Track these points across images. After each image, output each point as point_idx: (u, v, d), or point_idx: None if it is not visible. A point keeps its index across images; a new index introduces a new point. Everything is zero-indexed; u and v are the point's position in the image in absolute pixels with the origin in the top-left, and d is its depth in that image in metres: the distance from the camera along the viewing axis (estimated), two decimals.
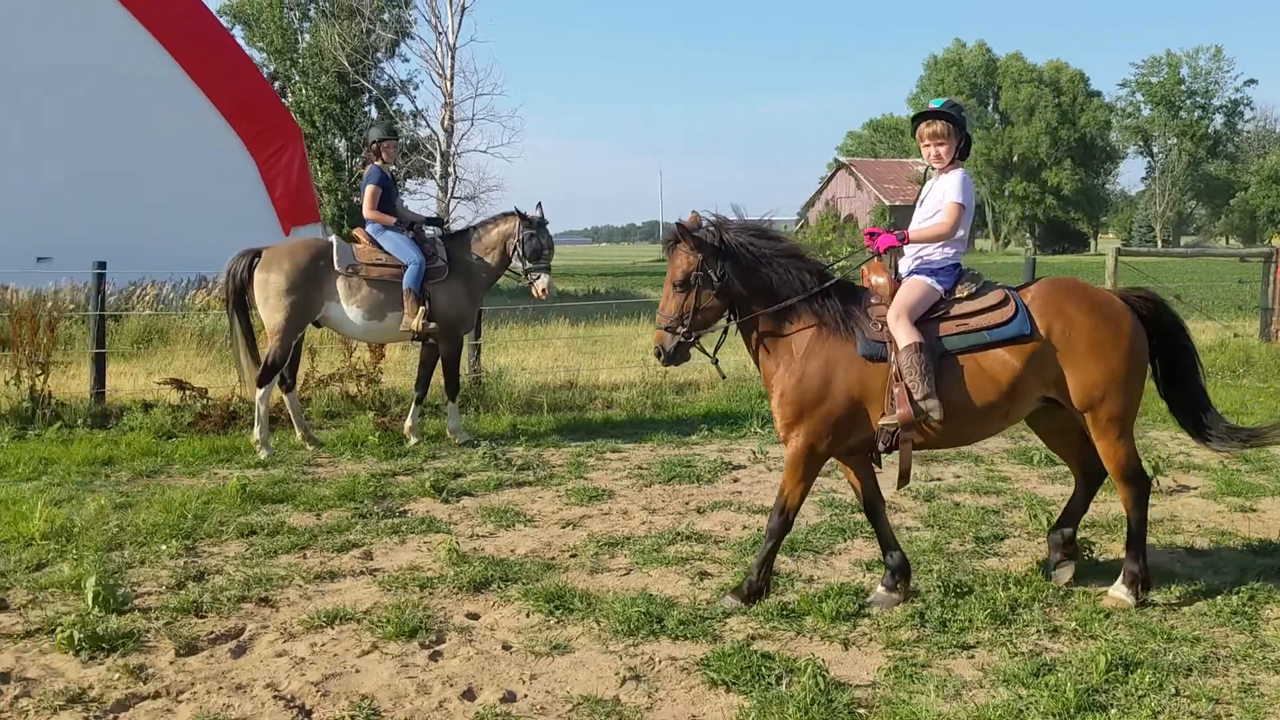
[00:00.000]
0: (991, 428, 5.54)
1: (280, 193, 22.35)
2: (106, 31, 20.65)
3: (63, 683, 4.56)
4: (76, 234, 19.50)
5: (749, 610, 5.37)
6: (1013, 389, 5.26)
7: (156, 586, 5.83)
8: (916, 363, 5.11)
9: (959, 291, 5.39)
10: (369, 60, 48.44)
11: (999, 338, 5.23)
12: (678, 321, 5.37)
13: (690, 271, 5.31)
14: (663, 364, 5.52)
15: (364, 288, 9.49)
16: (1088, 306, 5.35)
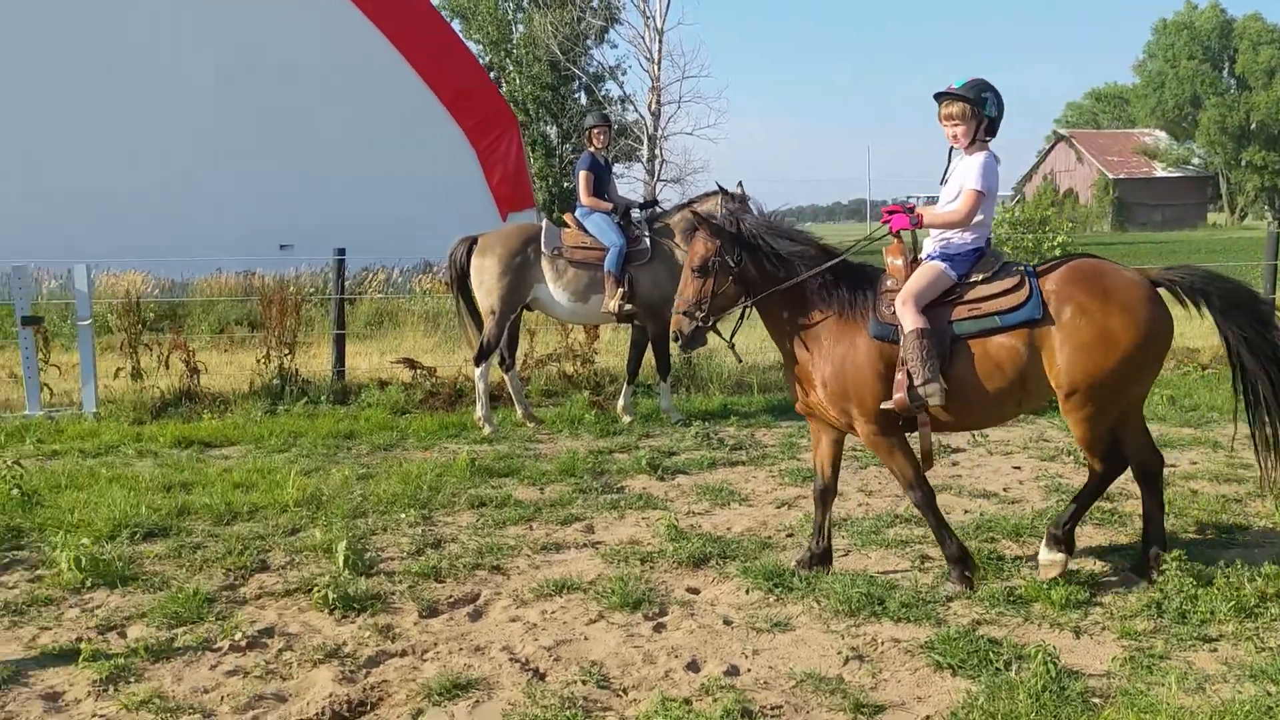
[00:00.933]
0: (1005, 412, 5.50)
1: (498, 179, 23.18)
2: (339, 30, 21.89)
3: (320, 638, 4.93)
4: (312, 222, 20.84)
5: (971, 594, 5.29)
6: (1022, 375, 5.21)
7: (398, 552, 6.21)
8: (919, 348, 5.12)
9: (975, 275, 5.36)
10: (579, 47, 49.40)
11: (1010, 322, 5.19)
12: (696, 306, 5.50)
13: (708, 257, 5.46)
14: (680, 348, 5.68)
15: (569, 270, 9.76)
16: (1102, 291, 5.19)
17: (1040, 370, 5.21)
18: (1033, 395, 5.36)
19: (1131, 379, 5.22)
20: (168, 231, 19.69)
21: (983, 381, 5.23)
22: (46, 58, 20.13)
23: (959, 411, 5.29)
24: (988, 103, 5.40)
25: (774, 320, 5.61)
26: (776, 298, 5.50)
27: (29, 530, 6.59)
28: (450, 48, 23.48)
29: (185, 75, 20.99)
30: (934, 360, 5.14)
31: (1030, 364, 5.19)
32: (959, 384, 5.22)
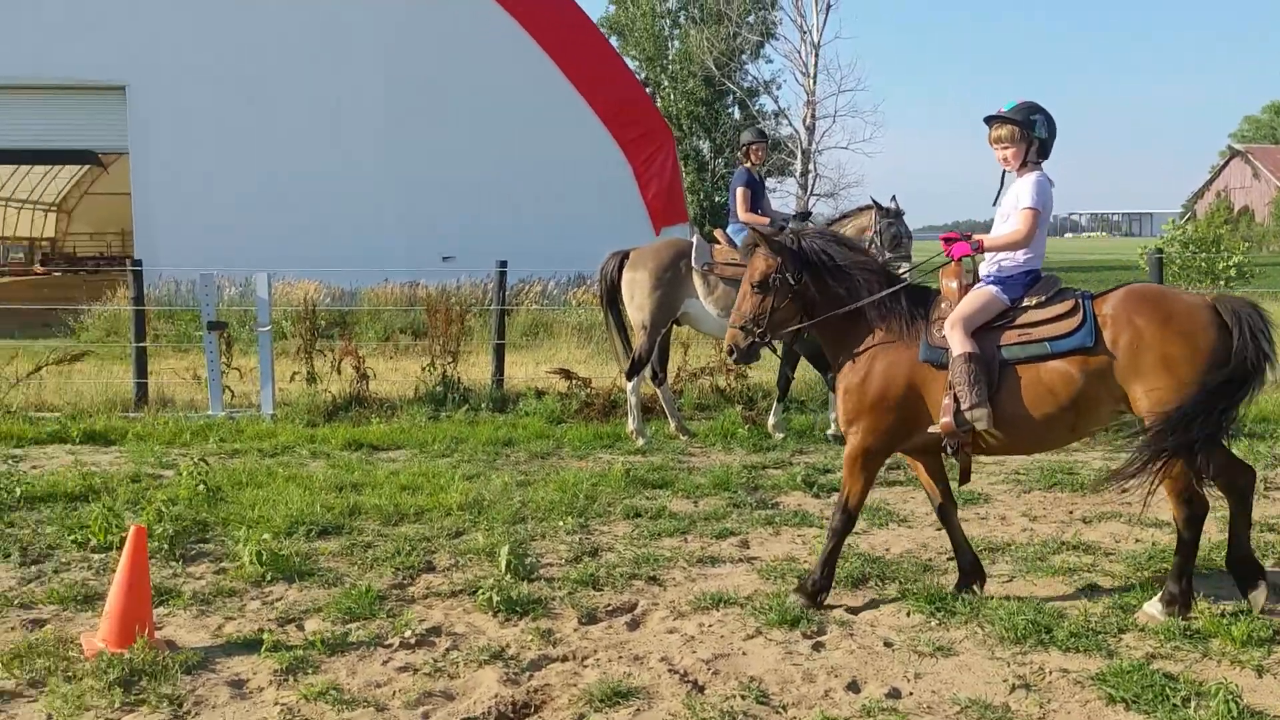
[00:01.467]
0: (1056, 439, 5.43)
1: (653, 194, 23.42)
2: (503, 47, 22.50)
3: (484, 640, 5.07)
4: (472, 234, 21.47)
5: (817, 608, 5.38)
6: (1075, 401, 5.10)
7: (557, 559, 6.33)
8: (966, 372, 5.08)
9: (1029, 300, 5.29)
10: (734, 62, 49.48)
11: (1061, 349, 5.10)
12: (753, 322, 5.49)
13: (768, 274, 5.43)
14: (734, 362, 5.68)
15: (719, 286, 9.75)
16: (1161, 318, 5.05)
17: (1092, 397, 5.10)
18: (1087, 422, 5.27)
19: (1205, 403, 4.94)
20: (339, 242, 20.56)
21: (1032, 407, 5.14)
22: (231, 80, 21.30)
23: (1007, 437, 5.23)
24: (1037, 125, 5.39)
25: (831, 340, 5.61)
26: (834, 319, 5.49)
27: (213, 524, 6.97)
28: (609, 64, 23.87)
29: (360, 94, 21.91)
30: (981, 385, 5.09)
31: (1083, 391, 5.08)
32: (1008, 409, 5.15)
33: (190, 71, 21.13)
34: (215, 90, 21.13)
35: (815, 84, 44.03)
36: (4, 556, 6.27)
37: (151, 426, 10.01)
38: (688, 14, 53.10)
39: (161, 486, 7.86)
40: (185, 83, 21.20)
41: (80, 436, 9.73)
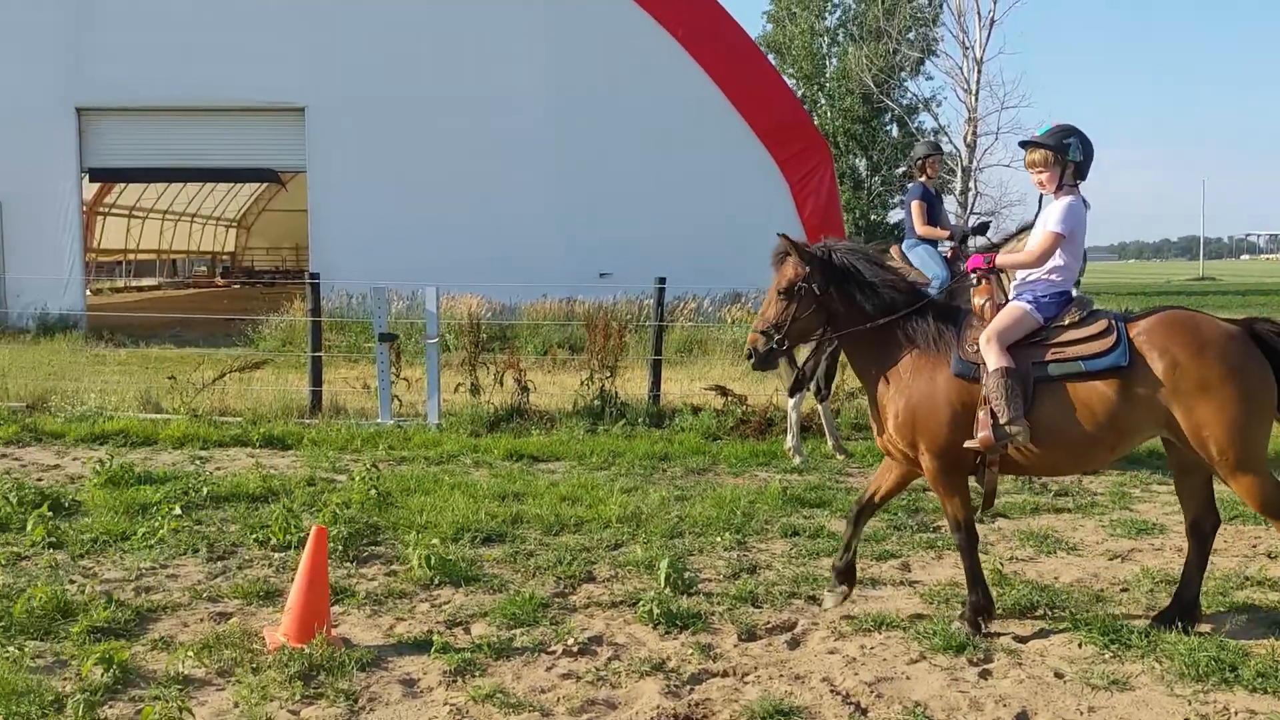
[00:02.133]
0: (1093, 458, 5.39)
1: (809, 211, 23.26)
2: (663, 66, 22.74)
3: (645, 651, 5.12)
4: (629, 251, 21.72)
5: (985, 632, 5.28)
6: (1111, 421, 5.10)
7: (715, 575, 6.34)
8: (1003, 387, 5.07)
9: (1064, 319, 5.31)
10: (893, 79, 48.81)
11: (1095, 368, 5.10)
12: (775, 328, 5.53)
13: (796, 282, 5.46)
14: (752, 366, 5.75)
15: None
16: (1194, 342, 5.07)
17: (1129, 418, 5.10)
18: (1126, 441, 5.28)
19: (1242, 426, 4.99)
20: (500, 258, 21.10)
21: (1068, 425, 5.15)
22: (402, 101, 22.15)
23: (1043, 454, 5.23)
24: (1071, 148, 5.41)
25: (858, 354, 5.63)
26: (860, 331, 5.51)
27: (384, 528, 7.24)
28: (767, 81, 23.86)
29: (524, 113, 22.50)
30: (1018, 400, 5.09)
31: (1118, 411, 5.08)
32: (1043, 426, 5.14)
33: (364, 94, 22.06)
34: (387, 111, 22.00)
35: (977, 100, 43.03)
36: (193, 552, 6.64)
37: (325, 432, 10.45)
38: (846, 31, 52.67)
39: (335, 490, 8.19)
40: (359, 105, 22.15)
41: (260, 440, 10.24)
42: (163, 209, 38.50)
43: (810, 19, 52.28)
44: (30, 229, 21.87)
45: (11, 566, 6.26)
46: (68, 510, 7.46)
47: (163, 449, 9.91)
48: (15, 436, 10.07)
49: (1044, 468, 5.50)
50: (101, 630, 5.23)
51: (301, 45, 22.12)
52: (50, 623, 5.28)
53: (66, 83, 21.76)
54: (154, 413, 11.10)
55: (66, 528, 6.95)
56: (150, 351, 17.05)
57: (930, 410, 5.31)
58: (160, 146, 22.69)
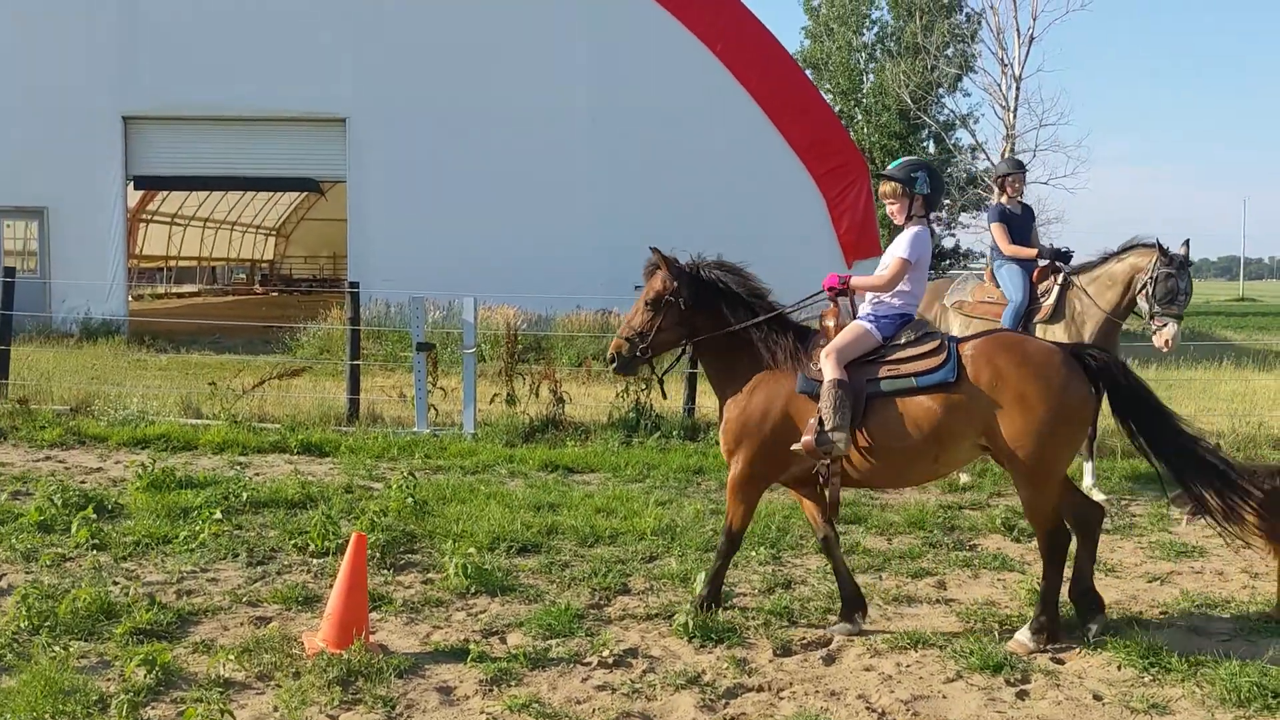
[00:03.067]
0: (921, 470, 5.65)
1: (845, 227, 23.21)
2: (698, 80, 22.79)
3: (680, 664, 5.13)
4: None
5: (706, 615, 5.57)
6: (937, 434, 5.35)
7: (750, 589, 6.34)
8: (833, 397, 5.31)
9: (901, 338, 5.58)
10: (930, 96, 48.66)
11: (926, 383, 5.35)
12: (639, 336, 5.76)
13: (663, 294, 5.70)
14: (614, 371, 5.99)
15: (971, 324, 9.22)
16: (1019, 360, 5.37)
17: (955, 431, 5.36)
18: (950, 456, 5.52)
19: (1055, 444, 5.32)
20: (537, 268, 21.20)
21: (896, 438, 5.39)
22: (442, 112, 22.33)
23: (873, 467, 5.47)
24: (918, 182, 5.72)
25: (713, 366, 5.86)
26: (719, 344, 5.74)
27: (421, 536, 7.29)
28: (805, 97, 23.83)
29: (564, 126, 22.61)
30: (846, 410, 5.31)
31: (944, 425, 5.33)
32: (875, 440, 5.39)
33: (405, 105, 22.24)
34: (428, 122, 22.16)
35: (1015, 118, 42.83)
36: (233, 556, 6.72)
37: (362, 440, 10.53)
38: (884, 47, 52.56)
39: (372, 498, 8.27)
40: (400, 115, 22.33)
41: (298, 447, 10.33)
42: (204, 217, 38.97)
43: (848, 35, 52.24)
44: (76, 235, 22.20)
45: (57, 567, 6.37)
46: (111, 513, 7.57)
47: (203, 454, 10.04)
48: (60, 439, 10.22)
49: (875, 479, 5.75)
50: (144, 632, 5.30)
51: (344, 56, 22.36)
52: (94, 623, 5.36)
53: (114, 91, 22.09)
54: (194, 418, 11.24)
55: (110, 530, 7.06)
56: (190, 357, 17.26)
57: (762, 422, 5.55)
58: (203, 155, 22.97)
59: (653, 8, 22.75)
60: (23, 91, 21.88)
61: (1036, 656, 5.29)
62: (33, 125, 21.84)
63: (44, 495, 7.57)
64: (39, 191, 22.11)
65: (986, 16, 45.41)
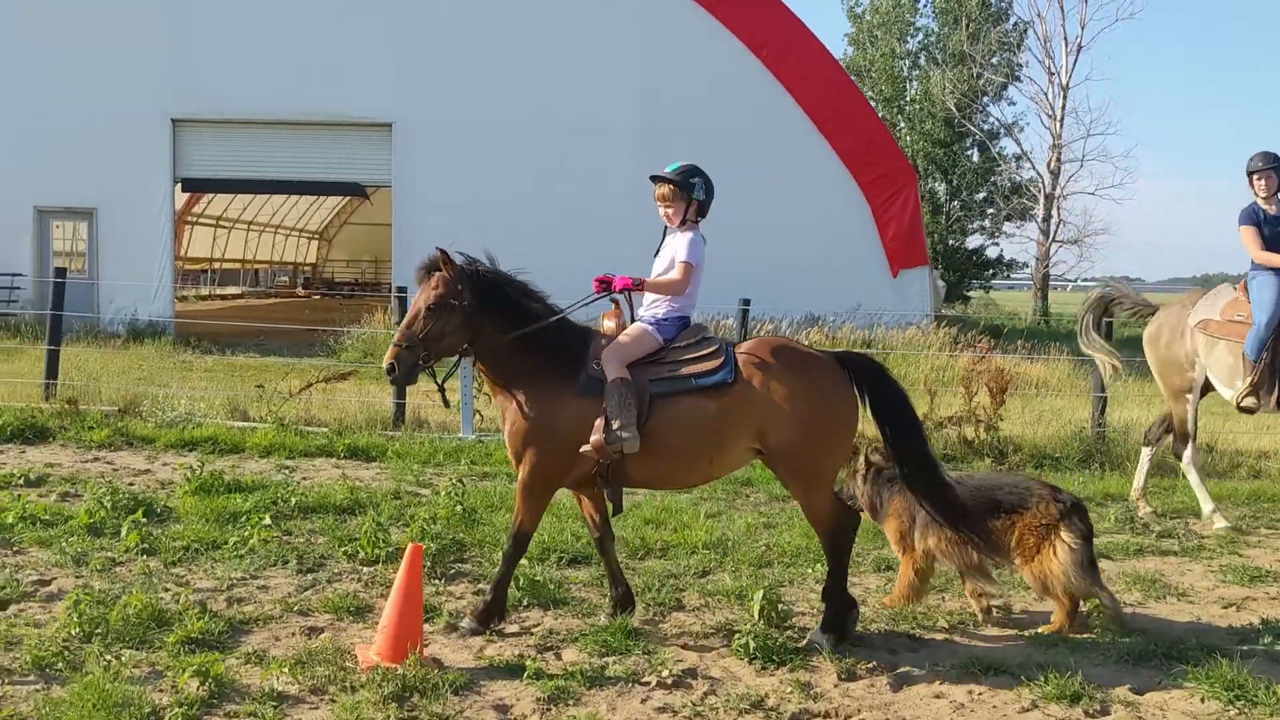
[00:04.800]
0: (698, 472, 5.73)
1: (891, 235, 22.97)
2: (746, 87, 22.64)
3: (742, 687, 4.96)
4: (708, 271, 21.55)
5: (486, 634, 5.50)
6: (715, 435, 5.45)
7: (809, 608, 6.16)
8: (617, 396, 5.30)
9: (682, 341, 5.62)
10: (975, 104, 48.23)
11: (704, 384, 5.44)
12: (420, 344, 5.47)
13: (446, 298, 5.44)
14: (392, 382, 5.65)
15: (1216, 346, 8.53)
16: (790, 364, 5.56)
17: (730, 432, 5.46)
18: (724, 458, 5.61)
19: (824, 446, 5.54)
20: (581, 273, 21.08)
21: (677, 437, 5.43)
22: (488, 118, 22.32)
23: (653, 467, 5.49)
24: (695, 187, 5.82)
25: (494, 370, 5.66)
26: (500, 348, 5.56)
27: (470, 545, 7.18)
28: (852, 104, 23.60)
29: (610, 131, 22.52)
30: (631, 410, 5.31)
31: (721, 426, 5.43)
32: (655, 439, 5.38)
33: (451, 111, 22.23)
34: (473, 128, 22.15)
35: (1062, 127, 42.42)
36: (283, 563, 6.63)
37: (409, 445, 10.44)
38: (928, 55, 52.15)
39: (421, 504, 8.17)
40: (446, 121, 22.33)
41: (344, 451, 10.25)
42: (248, 220, 39.26)
43: (891, 42, 51.85)
44: (124, 237, 22.38)
45: (107, 572, 6.31)
46: (160, 516, 7.51)
47: (249, 457, 9.99)
48: (108, 440, 10.21)
49: (654, 480, 5.81)
50: (196, 641, 5.21)
51: (391, 62, 22.40)
52: (145, 631, 5.27)
53: (163, 95, 22.26)
54: (241, 421, 11.21)
55: (159, 534, 7.00)
56: (235, 359, 17.29)
57: (547, 425, 5.46)
58: (250, 158, 23.10)
59: (701, 15, 22.65)
60: (75, 95, 22.10)
61: (1112, 686, 5.08)
62: (84, 128, 22.06)
63: (94, 497, 7.53)
64: (89, 193, 22.35)
65: (1034, 24, 45.14)
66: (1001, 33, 47.49)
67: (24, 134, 22.13)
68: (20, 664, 4.85)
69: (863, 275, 22.64)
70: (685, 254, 5.71)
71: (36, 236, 22.76)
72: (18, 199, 22.31)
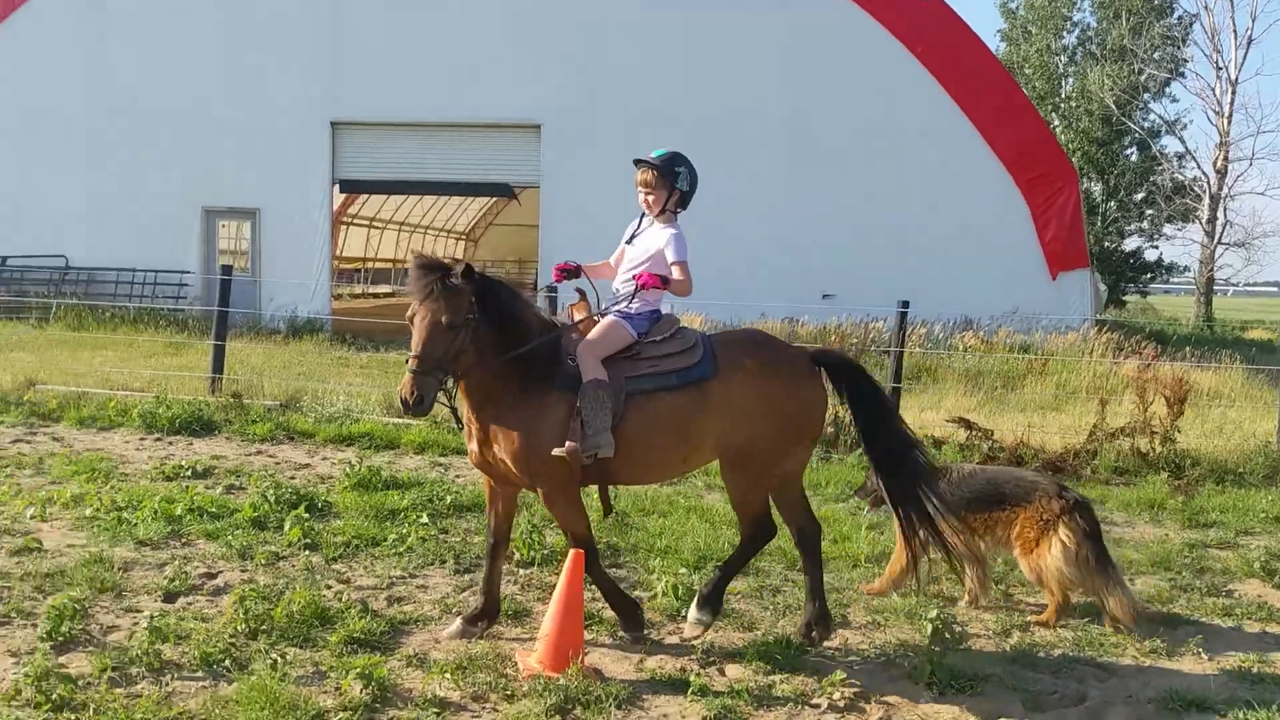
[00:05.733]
0: (670, 468, 5.61)
1: (1050, 237, 22.02)
2: (900, 84, 22.03)
3: (919, 713, 4.68)
4: (854, 272, 21.12)
5: None
6: (691, 431, 5.28)
7: (982, 629, 5.83)
8: (594, 399, 5.06)
9: (654, 336, 5.40)
10: (1136, 101, 46.21)
11: (685, 380, 5.27)
12: (438, 366, 4.89)
13: (467, 312, 4.95)
14: (416, 414, 4.95)
15: None
16: (765, 356, 5.48)
17: (705, 429, 5.29)
18: (697, 455, 5.45)
19: (788, 444, 5.42)
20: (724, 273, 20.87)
21: (653, 436, 5.23)
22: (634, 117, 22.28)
23: (627, 464, 5.25)
24: (680, 177, 5.55)
25: (483, 386, 5.15)
26: (493, 367, 5.09)
27: (624, 550, 7.04)
28: (1011, 101, 22.71)
29: (756, 130, 22.22)
30: (607, 413, 5.07)
31: (698, 422, 5.26)
32: (630, 437, 5.15)
33: (600, 111, 22.23)
34: (620, 128, 22.07)
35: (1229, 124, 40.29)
36: (440, 562, 6.61)
37: None
38: (1085, 50, 50.18)
39: None
40: (595, 121, 22.38)
41: None
42: (399, 220, 40.26)
43: (1047, 38, 50.07)
44: (284, 236, 23.14)
45: (271, 566, 6.38)
46: (320, 511, 7.59)
47: (404, 453, 10.08)
48: (270, 434, 10.45)
49: (632, 477, 5.58)
50: (358, 641, 5.19)
51: (540, 64, 22.56)
52: (308, 629, 5.28)
53: (323, 99, 22.93)
54: (396, 418, 11.35)
55: (321, 529, 7.06)
56: (389, 356, 17.61)
57: (541, 433, 5.09)
58: (403, 160, 23.59)
59: (854, 10, 22.12)
60: (241, 99, 22.95)
61: None
62: (249, 131, 22.90)
63: (257, 491, 7.66)
64: (253, 194, 23.18)
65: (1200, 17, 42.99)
66: (1165, 26, 45.38)
67: (194, 139, 23.08)
68: (189, 659, 4.89)
69: (1020, 277, 21.77)
70: (677, 254, 5.48)
71: (203, 236, 23.72)
72: (188, 200, 23.29)
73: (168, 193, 23.13)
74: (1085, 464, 10.35)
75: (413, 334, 4.92)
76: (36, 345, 16.71)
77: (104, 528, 6.95)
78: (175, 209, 23.24)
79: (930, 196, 21.84)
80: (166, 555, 6.51)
